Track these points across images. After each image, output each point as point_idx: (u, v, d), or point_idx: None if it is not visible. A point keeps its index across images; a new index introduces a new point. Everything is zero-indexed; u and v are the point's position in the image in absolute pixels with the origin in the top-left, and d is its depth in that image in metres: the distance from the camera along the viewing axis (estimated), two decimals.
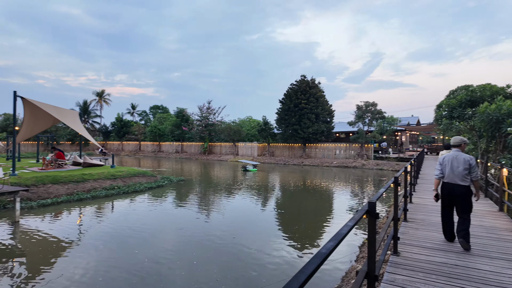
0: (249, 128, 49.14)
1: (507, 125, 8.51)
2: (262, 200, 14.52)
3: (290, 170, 30.25)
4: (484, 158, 12.70)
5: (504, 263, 3.88)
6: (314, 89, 35.35)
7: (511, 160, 8.51)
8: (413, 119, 48.80)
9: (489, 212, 6.86)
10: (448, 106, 13.26)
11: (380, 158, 33.44)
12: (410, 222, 5.97)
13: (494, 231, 5.35)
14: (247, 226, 10.12)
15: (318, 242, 8.58)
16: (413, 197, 8.49)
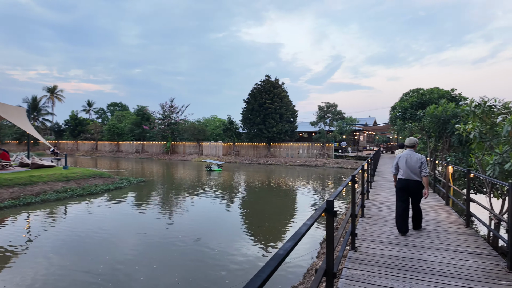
0: (214, 127, 48.61)
1: (452, 126, 9.28)
2: (226, 200, 14.39)
3: (255, 169, 30.41)
4: (432, 156, 13.76)
5: (450, 253, 4.19)
6: (278, 89, 35.89)
7: (456, 158, 9.28)
8: (370, 119, 51.57)
9: (436, 206, 7.41)
10: (401, 108, 14.17)
11: (340, 157, 34.87)
12: (367, 218, 6.24)
13: (441, 224, 5.78)
14: (211, 227, 9.95)
15: (282, 240, 8.69)
16: (370, 194, 8.91)
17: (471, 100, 5.95)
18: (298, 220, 10.67)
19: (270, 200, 14.91)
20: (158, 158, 43.90)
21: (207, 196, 15.15)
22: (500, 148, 5.27)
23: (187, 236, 8.77)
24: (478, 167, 6.50)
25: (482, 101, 5.86)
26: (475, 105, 5.92)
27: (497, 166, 5.19)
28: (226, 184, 19.84)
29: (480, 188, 8.77)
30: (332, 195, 2.76)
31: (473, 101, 5.93)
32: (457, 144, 9.23)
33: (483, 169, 6.41)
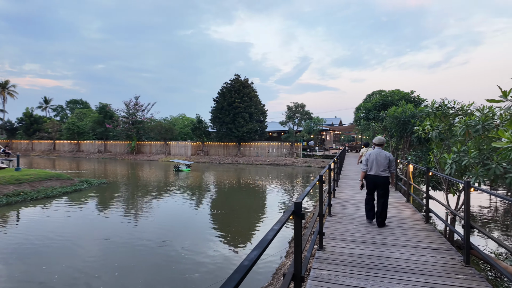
0: (182, 126, 47.48)
1: (411, 126, 9.77)
2: (195, 201, 14.05)
3: (225, 169, 30.13)
4: (394, 155, 14.44)
5: (412, 250, 4.34)
6: (248, 88, 35.85)
7: (416, 156, 9.78)
8: (336, 120, 53.27)
9: (399, 203, 7.73)
10: (365, 108, 14.70)
11: (308, 156, 35.63)
12: (334, 216, 6.33)
13: (403, 221, 6.01)
14: (179, 229, 9.62)
15: (251, 240, 8.60)
16: (336, 192, 9.10)
17: (432, 101, 6.26)
18: (268, 220, 10.67)
19: (240, 200, 14.80)
20: (123, 158, 41.99)
21: (174, 198, 14.68)
22: (459, 147, 5.57)
23: (152, 240, 8.39)
24: (436, 165, 6.87)
25: (442, 103, 6.18)
26: (435, 107, 6.24)
27: (454, 164, 5.49)
28: (194, 184, 19.40)
29: (438, 185, 9.31)
30: (300, 197, 2.69)
31: (434, 103, 6.24)
32: (416, 143, 9.73)
33: (441, 167, 6.77)
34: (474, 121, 5.25)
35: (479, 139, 5.50)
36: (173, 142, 41.87)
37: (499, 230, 9.69)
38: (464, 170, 5.56)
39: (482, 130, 5.13)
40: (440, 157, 6.62)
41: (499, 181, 4.93)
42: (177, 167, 26.32)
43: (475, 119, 5.25)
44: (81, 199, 13.91)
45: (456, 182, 5.82)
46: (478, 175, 4.96)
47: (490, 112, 5.30)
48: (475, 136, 5.42)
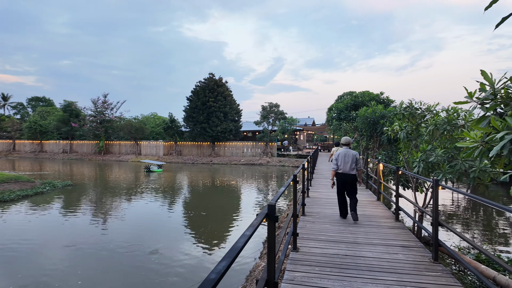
0: (154, 125, 46.08)
1: (381, 126, 10.08)
2: (168, 203, 13.62)
3: (199, 169, 29.60)
4: (365, 154, 14.85)
5: (383, 248, 4.39)
6: (222, 87, 35.49)
7: (386, 155, 10.09)
8: (309, 120, 54.25)
9: (370, 201, 7.90)
10: (337, 109, 15.01)
11: (283, 155, 35.94)
12: (307, 216, 6.32)
13: (374, 219, 6.12)
14: (150, 232, 9.25)
15: (226, 242, 8.42)
16: (309, 192, 9.16)
17: (400, 102, 6.45)
18: (242, 221, 10.54)
19: (214, 200, 14.55)
20: (90, 159, 40.01)
21: (146, 200, 14.14)
22: (425, 146, 5.76)
23: (121, 245, 7.97)
24: (405, 164, 7.08)
25: (410, 103, 6.38)
26: (403, 107, 6.43)
27: (421, 163, 5.66)
28: (167, 185, 18.84)
29: (406, 183, 9.66)
30: (274, 198, 2.58)
31: (402, 103, 6.43)
32: (386, 143, 10.04)
33: (409, 166, 6.99)
34: (441, 121, 5.44)
35: (445, 139, 5.72)
36: (144, 141, 40.52)
37: (461, 224, 10.24)
38: (432, 168, 5.76)
39: (447, 130, 5.34)
40: (408, 156, 6.84)
41: (464, 179, 5.14)
42: (148, 167, 25.46)
43: (442, 120, 5.44)
44: (44, 203, 12.99)
45: (424, 180, 6.02)
46: (445, 173, 5.15)
47: (455, 113, 5.53)
48: (441, 136, 5.63)
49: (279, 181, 21.37)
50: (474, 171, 4.79)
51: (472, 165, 4.98)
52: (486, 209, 12.59)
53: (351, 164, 5.94)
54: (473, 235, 9.18)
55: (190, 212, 11.96)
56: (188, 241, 8.43)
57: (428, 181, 4.13)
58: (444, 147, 5.78)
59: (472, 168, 4.90)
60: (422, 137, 6.49)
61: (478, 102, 3.42)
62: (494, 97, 3.24)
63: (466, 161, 5.08)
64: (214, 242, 8.46)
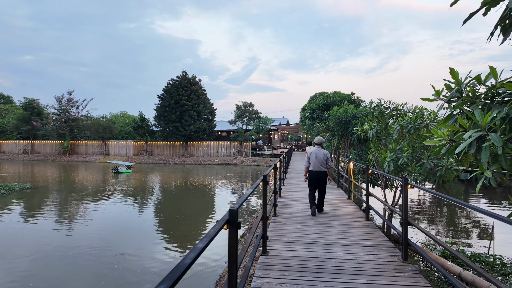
0: (123, 124, 44.26)
1: (352, 126, 10.19)
2: (138, 205, 13.02)
3: (171, 169, 28.78)
4: (336, 153, 15.05)
5: (353, 249, 4.32)
6: (195, 86, 34.78)
7: (356, 155, 10.22)
8: (283, 119, 54.72)
9: (340, 200, 7.91)
10: (310, 109, 15.10)
11: (257, 155, 35.88)
12: (279, 216, 6.18)
13: (345, 218, 6.09)
14: (119, 236, 8.73)
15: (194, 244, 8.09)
16: (282, 191, 9.05)
17: (370, 101, 6.47)
18: (216, 220, 10.23)
19: (187, 202, 14.12)
20: (53, 160, 37.65)
21: (113, 202, 13.42)
22: (394, 146, 5.81)
23: (85, 250, 7.40)
24: (375, 163, 7.14)
25: (379, 103, 6.42)
26: (373, 107, 6.46)
27: (391, 162, 5.69)
28: (136, 187, 18.05)
29: (375, 182, 9.83)
30: (238, 203, 2.35)
31: (372, 102, 6.46)
32: (356, 142, 10.17)
33: (379, 165, 7.05)
34: (406, 121, 5.50)
35: (412, 138, 5.79)
36: (113, 141, 38.79)
37: (427, 221, 10.62)
38: (401, 167, 5.82)
39: (413, 130, 5.40)
40: (378, 155, 6.91)
41: (431, 177, 5.22)
42: (116, 168, 24.32)
43: (407, 120, 5.50)
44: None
45: (393, 179, 6.07)
46: (413, 173, 5.19)
47: (420, 112, 5.61)
48: (408, 135, 5.69)
49: (254, 181, 21.22)
50: (441, 169, 4.86)
51: (438, 163, 5.05)
52: (449, 205, 13.20)
53: (322, 162, 6.38)
54: (438, 230, 9.52)
55: (161, 215, 11.48)
56: (159, 245, 8.04)
57: (397, 180, 4.11)
58: (411, 146, 5.85)
59: (438, 166, 4.97)
60: (391, 136, 6.57)
61: (445, 100, 3.40)
62: (460, 95, 3.23)
63: (431, 159, 5.15)
64: (187, 245, 8.11)
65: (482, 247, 7.87)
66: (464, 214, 11.91)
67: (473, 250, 7.19)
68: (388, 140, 6.58)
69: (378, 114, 6.46)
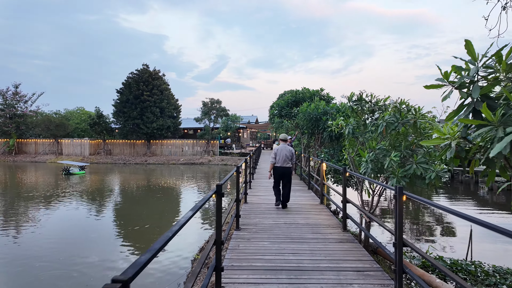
0: (79, 121, 40.79)
1: (324, 123, 9.48)
2: (93, 210, 11.56)
3: (131, 170, 26.74)
4: (306, 152, 14.39)
5: (333, 276, 3.41)
6: (158, 80, 32.70)
7: (328, 154, 9.52)
8: (252, 117, 53.90)
9: (312, 206, 7.08)
10: (278, 105, 14.28)
11: (225, 154, 34.66)
12: (243, 230, 5.17)
13: (319, 229, 5.23)
14: (69, 244, 7.68)
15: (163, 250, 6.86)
16: (248, 196, 8.08)
17: (351, 94, 5.66)
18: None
19: (149, 205, 12.82)
20: None
21: (60, 208, 11.76)
22: (373, 145, 5.03)
23: (33, 257, 5.97)
24: (350, 164, 6.38)
25: (360, 96, 5.63)
26: (353, 100, 5.65)
27: (370, 164, 4.92)
28: (89, 190, 16.16)
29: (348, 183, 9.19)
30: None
31: (353, 95, 5.64)
32: (328, 140, 9.47)
33: (355, 165, 6.30)
34: (393, 117, 4.74)
35: (394, 137, 5.07)
36: (66, 140, 35.48)
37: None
38: (380, 170, 5.08)
39: (400, 127, 4.66)
40: (354, 155, 6.16)
41: (418, 182, 4.51)
42: (67, 169, 21.91)
43: (394, 116, 4.75)
44: None
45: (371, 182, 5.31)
46: (398, 177, 4.44)
47: (407, 108, 4.89)
48: (389, 134, 4.96)
49: (214, 182, 20.08)
50: (431, 175, 4.14)
51: (427, 168, 4.34)
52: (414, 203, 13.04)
53: (287, 158, 6.67)
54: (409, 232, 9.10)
55: (120, 221, 10.23)
56: (117, 254, 6.86)
57: (390, 188, 3.27)
58: (393, 146, 5.13)
59: (428, 171, 4.25)
60: (369, 133, 5.83)
61: (454, 86, 2.58)
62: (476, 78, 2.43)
63: (420, 163, 4.43)
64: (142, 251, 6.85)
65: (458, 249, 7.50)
66: (428, 212, 11.75)
67: (451, 255, 6.72)
68: (365, 138, 5.83)
69: (357, 109, 5.68)
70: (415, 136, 5.10)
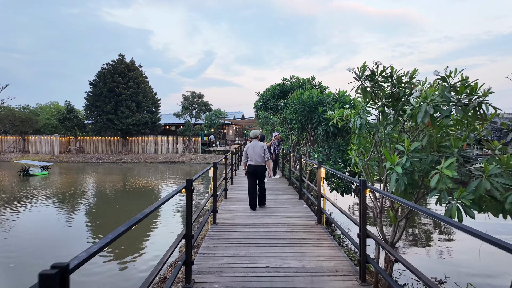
0: (49, 116, 37.65)
1: (319, 115, 7.59)
2: (44, 219, 9.46)
3: (105, 170, 24.34)
4: (295, 151, 12.50)
5: None
6: (135, 72, 30.12)
7: (322, 154, 7.64)
8: (239, 113, 51.79)
9: (307, 229, 5.16)
10: (263, 97, 12.32)
11: (208, 152, 32.51)
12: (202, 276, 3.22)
13: (321, 282, 3.31)
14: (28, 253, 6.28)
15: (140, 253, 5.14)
16: (220, 212, 6.11)
17: (363, 64, 3.72)
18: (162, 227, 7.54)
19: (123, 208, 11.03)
20: None
21: (17, 215, 9.72)
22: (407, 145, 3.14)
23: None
24: (361, 170, 4.48)
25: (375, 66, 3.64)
26: (365, 76, 3.72)
27: (404, 177, 3.02)
28: (47, 194, 13.87)
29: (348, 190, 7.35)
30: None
31: (365, 67, 3.70)
32: (323, 137, 7.57)
33: (368, 173, 4.41)
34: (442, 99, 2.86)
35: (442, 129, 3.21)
36: (34, 136, 32.44)
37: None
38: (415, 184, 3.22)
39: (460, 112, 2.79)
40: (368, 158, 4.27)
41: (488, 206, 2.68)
42: (26, 170, 19.32)
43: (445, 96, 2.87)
44: None
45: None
46: (459, 198, 2.57)
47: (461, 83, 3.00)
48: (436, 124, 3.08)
49: (203, 182, 18.22)
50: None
51: (509, 185, 2.49)
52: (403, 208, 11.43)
53: (259, 155, 6.24)
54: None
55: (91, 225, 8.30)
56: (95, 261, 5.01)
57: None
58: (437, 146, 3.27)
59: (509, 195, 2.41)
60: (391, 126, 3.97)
61: None
62: None
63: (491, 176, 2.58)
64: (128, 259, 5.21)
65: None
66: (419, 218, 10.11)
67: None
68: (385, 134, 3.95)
69: (374, 90, 3.75)
70: (469, 130, 3.26)
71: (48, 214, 10.58)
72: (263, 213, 6.01)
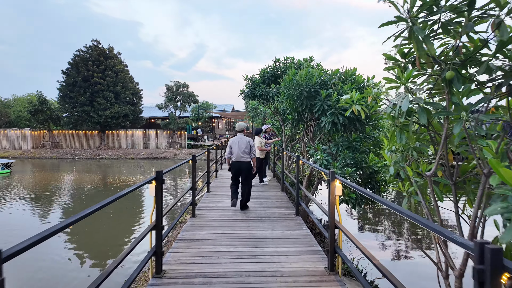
0: (22, 108, 34.82)
1: (322, 100, 5.66)
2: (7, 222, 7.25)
3: (80, 167, 22.10)
4: (288, 148, 10.60)
5: None
6: (113, 60, 27.54)
7: (327, 153, 5.71)
8: (229, 106, 49.63)
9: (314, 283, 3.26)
10: (251, 83, 10.31)
11: (195, 147, 30.38)
12: None
13: None
14: None
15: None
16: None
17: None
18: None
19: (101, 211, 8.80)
20: None
21: None
22: None
23: None
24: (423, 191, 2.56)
25: None
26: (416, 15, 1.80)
27: None
28: (5, 196, 11.76)
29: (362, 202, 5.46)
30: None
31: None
32: (329, 131, 5.64)
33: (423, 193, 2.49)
34: None
35: None
36: (3, 130, 29.69)
37: None
38: None
39: None
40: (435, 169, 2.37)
41: None
42: None
43: None
44: None
45: None
46: None
47: None
48: None
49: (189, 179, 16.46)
50: None
51: None
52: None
53: (245, 151, 5.74)
54: None
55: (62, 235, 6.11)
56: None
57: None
58: None
59: None
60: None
61: None
62: None
63: None
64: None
65: None
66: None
67: None
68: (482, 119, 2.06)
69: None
70: None
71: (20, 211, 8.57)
72: (242, 248, 3.96)
